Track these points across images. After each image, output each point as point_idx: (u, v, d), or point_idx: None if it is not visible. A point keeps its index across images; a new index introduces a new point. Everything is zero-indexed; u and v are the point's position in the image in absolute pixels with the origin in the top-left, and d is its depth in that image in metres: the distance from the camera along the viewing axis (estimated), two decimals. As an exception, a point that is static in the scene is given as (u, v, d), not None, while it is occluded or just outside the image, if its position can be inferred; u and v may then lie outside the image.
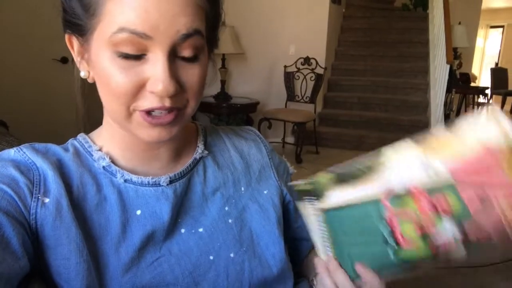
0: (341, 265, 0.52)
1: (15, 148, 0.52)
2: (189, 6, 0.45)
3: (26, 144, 0.53)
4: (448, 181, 0.39)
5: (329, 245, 0.52)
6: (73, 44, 0.51)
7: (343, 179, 0.48)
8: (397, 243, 0.43)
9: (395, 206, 0.43)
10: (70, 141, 0.57)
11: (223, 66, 4.24)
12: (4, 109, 2.32)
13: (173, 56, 0.46)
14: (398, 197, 0.42)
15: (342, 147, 4.47)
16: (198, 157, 0.61)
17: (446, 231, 0.40)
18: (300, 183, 0.52)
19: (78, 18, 0.47)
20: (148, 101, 0.46)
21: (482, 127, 0.37)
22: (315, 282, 0.59)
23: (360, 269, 0.50)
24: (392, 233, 0.43)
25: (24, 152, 0.51)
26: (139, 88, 0.46)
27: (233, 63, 4.56)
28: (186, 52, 0.47)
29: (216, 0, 0.51)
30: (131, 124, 0.49)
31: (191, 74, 0.48)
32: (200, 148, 0.61)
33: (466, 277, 1.97)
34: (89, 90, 0.55)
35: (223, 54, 4.23)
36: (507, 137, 0.36)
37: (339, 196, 0.49)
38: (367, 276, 0.50)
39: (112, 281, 0.50)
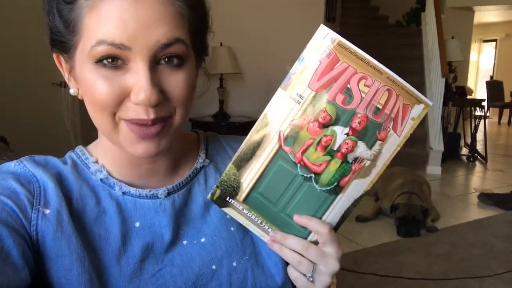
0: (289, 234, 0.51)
1: (15, 161, 0.52)
2: (168, 16, 0.44)
3: (26, 156, 0.53)
4: (314, 96, 0.45)
5: (266, 225, 0.51)
6: (61, 62, 0.51)
7: (245, 159, 0.49)
8: (313, 172, 0.48)
9: (293, 144, 0.47)
10: (69, 153, 0.57)
11: (221, 85, 4.28)
12: (4, 126, 2.37)
13: (154, 63, 0.45)
14: (291, 136, 0.47)
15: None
16: (199, 167, 0.60)
17: (337, 134, 0.46)
18: (213, 192, 0.50)
19: (62, 36, 0.47)
20: (133, 112, 0.46)
21: (316, 44, 0.45)
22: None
23: (299, 219, 0.50)
24: (305, 167, 0.48)
25: (24, 165, 0.51)
26: (123, 97, 0.45)
27: (231, 83, 4.61)
28: (169, 60, 0.46)
29: (199, 7, 0.50)
30: (118, 136, 0.48)
31: (175, 81, 0.47)
32: (201, 157, 0.61)
33: (471, 289, 1.95)
34: (82, 108, 0.55)
35: (221, 74, 4.28)
36: (334, 40, 0.44)
37: (250, 176, 0.49)
38: (312, 224, 0.50)
39: None
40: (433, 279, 2.03)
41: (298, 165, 0.48)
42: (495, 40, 10.48)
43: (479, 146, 4.98)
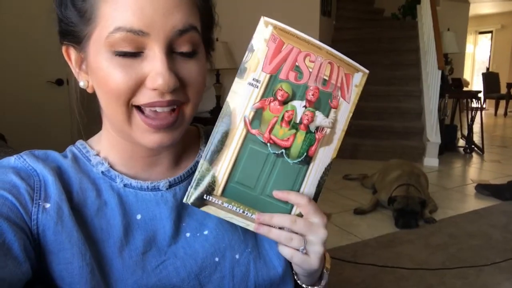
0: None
1: (15, 155, 0.52)
2: (183, 3, 0.46)
3: (26, 151, 0.53)
4: (269, 78, 0.49)
5: (249, 212, 0.52)
6: (71, 55, 0.52)
7: (215, 151, 0.50)
8: (283, 147, 0.51)
9: (259, 126, 0.50)
10: (69, 148, 0.57)
11: (218, 81, 4.28)
12: (2, 123, 2.39)
13: (170, 51, 0.47)
14: (256, 119, 0.50)
15: (339, 156, 4.43)
16: (199, 160, 0.61)
17: (297, 108, 0.50)
18: (189, 194, 0.50)
19: (74, 26, 0.48)
20: (147, 97, 0.47)
21: (261, 32, 0.49)
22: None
23: (279, 194, 0.51)
24: (275, 144, 0.51)
25: (24, 159, 0.51)
26: (138, 85, 0.46)
27: (228, 78, 4.60)
28: (183, 48, 0.47)
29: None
30: (131, 128, 0.49)
31: (189, 69, 0.48)
32: (202, 151, 0.62)
33: (469, 278, 1.96)
34: (88, 104, 0.55)
35: (217, 70, 4.27)
36: (275, 27, 0.49)
37: (224, 167, 0.50)
38: (291, 197, 0.51)
39: (118, 284, 0.50)
40: (432, 269, 2.05)
41: (268, 144, 0.51)
42: (490, 32, 10.49)
43: (476, 138, 5.00)
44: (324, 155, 0.53)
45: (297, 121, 0.51)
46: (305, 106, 0.51)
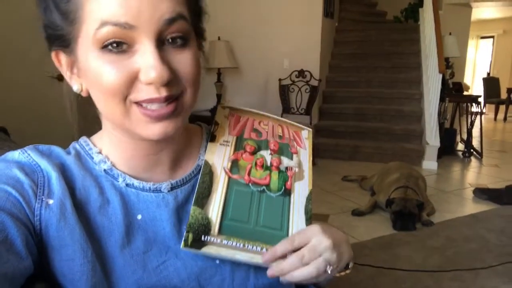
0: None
1: (19, 150, 0.52)
2: None
3: (30, 145, 0.53)
4: (236, 138, 0.62)
5: (249, 245, 0.54)
6: (61, 60, 0.51)
7: (204, 197, 0.55)
8: (264, 185, 0.59)
9: (238, 172, 0.59)
10: (72, 144, 0.57)
11: (219, 80, 4.28)
12: (5, 117, 2.41)
13: (161, 43, 0.46)
14: (234, 167, 0.59)
15: (339, 158, 4.49)
16: (201, 163, 0.60)
17: (265, 156, 0.61)
18: (185, 238, 0.51)
19: (60, 29, 0.47)
20: (144, 93, 0.46)
21: (221, 112, 0.64)
22: None
23: (266, 256, 0.53)
24: (256, 183, 0.59)
25: (29, 154, 0.51)
26: (132, 80, 0.45)
27: (228, 77, 4.61)
28: (173, 38, 0.46)
29: None
30: (130, 122, 0.48)
31: (182, 59, 0.47)
32: (202, 154, 0.61)
33: (466, 281, 1.97)
34: (84, 105, 0.55)
35: (219, 69, 4.27)
36: (231, 108, 0.65)
37: (215, 208, 0.55)
38: (280, 249, 0.53)
39: (119, 282, 0.50)
40: (429, 271, 2.06)
41: (250, 184, 0.58)
42: (492, 37, 10.49)
43: (475, 142, 5.00)
44: (301, 188, 0.61)
45: (268, 165, 0.61)
46: (271, 154, 0.62)
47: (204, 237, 0.52)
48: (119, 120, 0.49)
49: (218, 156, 0.59)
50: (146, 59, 0.44)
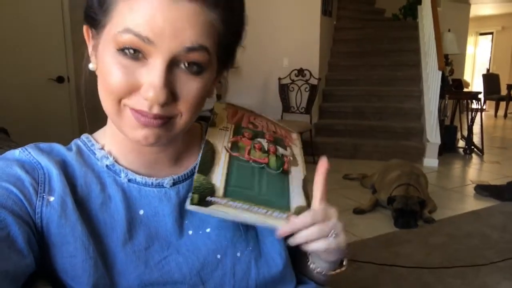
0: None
1: (20, 148, 0.52)
2: (198, 23, 0.44)
3: (31, 144, 0.53)
4: (234, 125, 0.65)
5: (255, 207, 0.53)
6: (89, 36, 0.51)
7: (207, 167, 0.55)
8: (263, 163, 0.61)
9: (238, 151, 0.60)
10: (74, 141, 0.57)
11: (219, 80, 4.28)
12: (5, 118, 2.43)
13: (175, 64, 0.46)
14: (234, 147, 0.61)
15: (339, 156, 4.49)
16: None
17: (263, 142, 0.64)
18: (192, 197, 0.51)
19: (94, 12, 0.48)
20: (139, 103, 0.46)
21: (219, 104, 0.68)
22: (310, 259, 0.60)
23: (285, 229, 0.53)
24: (255, 161, 0.60)
25: (29, 152, 0.52)
26: (133, 89, 0.46)
27: (229, 77, 4.61)
28: (188, 65, 0.46)
29: (235, 23, 0.50)
30: (121, 121, 0.49)
31: (189, 86, 0.47)
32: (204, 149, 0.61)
33: (467, 278, 1.97)
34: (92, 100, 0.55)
35: (218, 69, 4.27)
36: (227, 102, 0.70)
37: (219, 177, 0.55)
38: (298, 223, 0.53)
39: (120, 278, 0.50)
40: (430, 268, 2.06)
41: (250, 161, 0.60)
42: (491, 33, 10.48)
43: (476, 139, 5.00)
44: (296, 172, 0.63)
45: (266, 149, 0.63)
46: (267, 142, 0.65)
47: (209, 198, 0.51)
48: (111, 116, 0.50)
49: (219, 139, 0.61)
50: (151, 76, 0.45)
